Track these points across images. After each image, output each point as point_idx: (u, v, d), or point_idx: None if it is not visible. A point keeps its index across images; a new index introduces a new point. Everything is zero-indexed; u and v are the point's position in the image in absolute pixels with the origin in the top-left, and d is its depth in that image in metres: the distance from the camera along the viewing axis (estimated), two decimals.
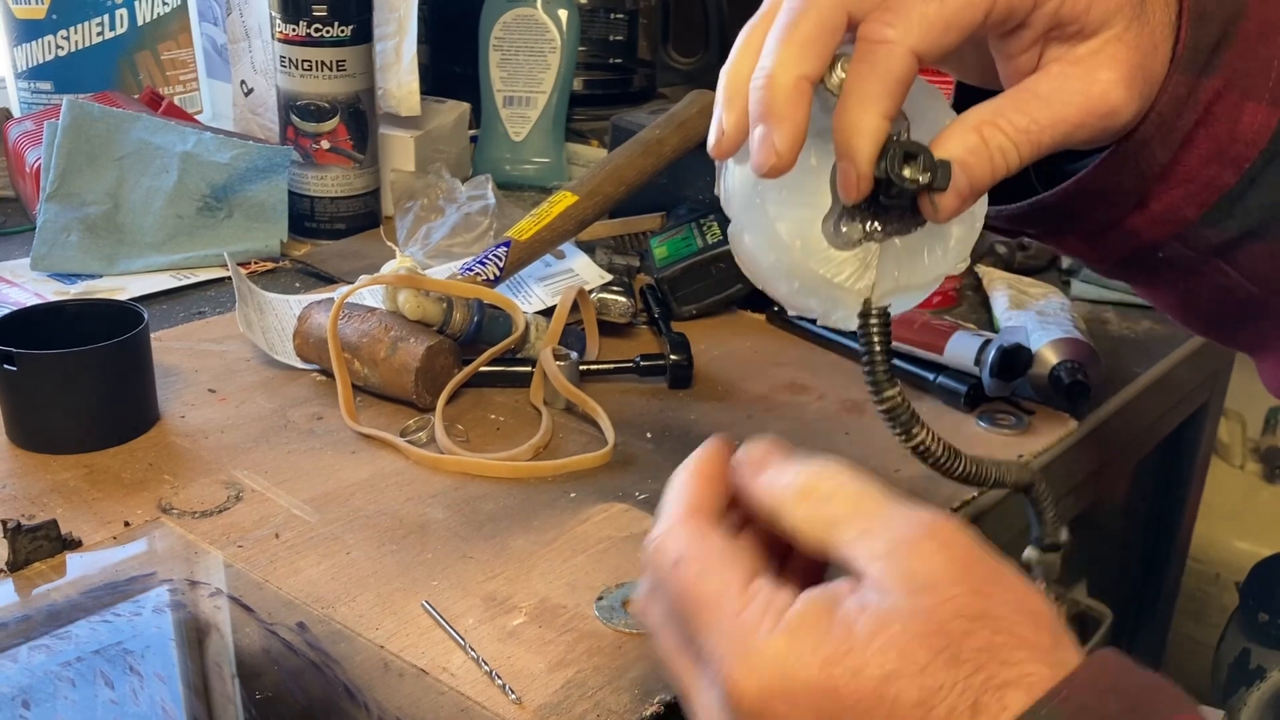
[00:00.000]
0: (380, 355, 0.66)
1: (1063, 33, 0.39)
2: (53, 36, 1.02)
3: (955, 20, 0.37)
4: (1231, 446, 1.56)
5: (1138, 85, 0.40)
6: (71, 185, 0.87)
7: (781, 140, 0.37)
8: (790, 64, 0.37)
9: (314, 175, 0.92)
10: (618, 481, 0.61)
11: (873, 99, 0.37)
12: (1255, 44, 0.41)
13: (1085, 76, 0.39)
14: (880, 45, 0.37)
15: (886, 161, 0.37)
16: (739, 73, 0.39)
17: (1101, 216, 0.45)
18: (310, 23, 0.87)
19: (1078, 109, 0.39)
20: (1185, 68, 0.40)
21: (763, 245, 0.41)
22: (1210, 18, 0.40)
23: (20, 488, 0.58)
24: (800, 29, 0.37)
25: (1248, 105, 0.41)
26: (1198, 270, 0.46)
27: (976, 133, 0.39)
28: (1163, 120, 0.41)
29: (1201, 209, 0.43)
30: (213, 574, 0.52)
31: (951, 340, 0.70)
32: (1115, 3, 0.39)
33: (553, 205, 0.79)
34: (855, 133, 0.37)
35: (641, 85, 1.20)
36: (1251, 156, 0.42)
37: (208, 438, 0.64)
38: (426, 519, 0.57)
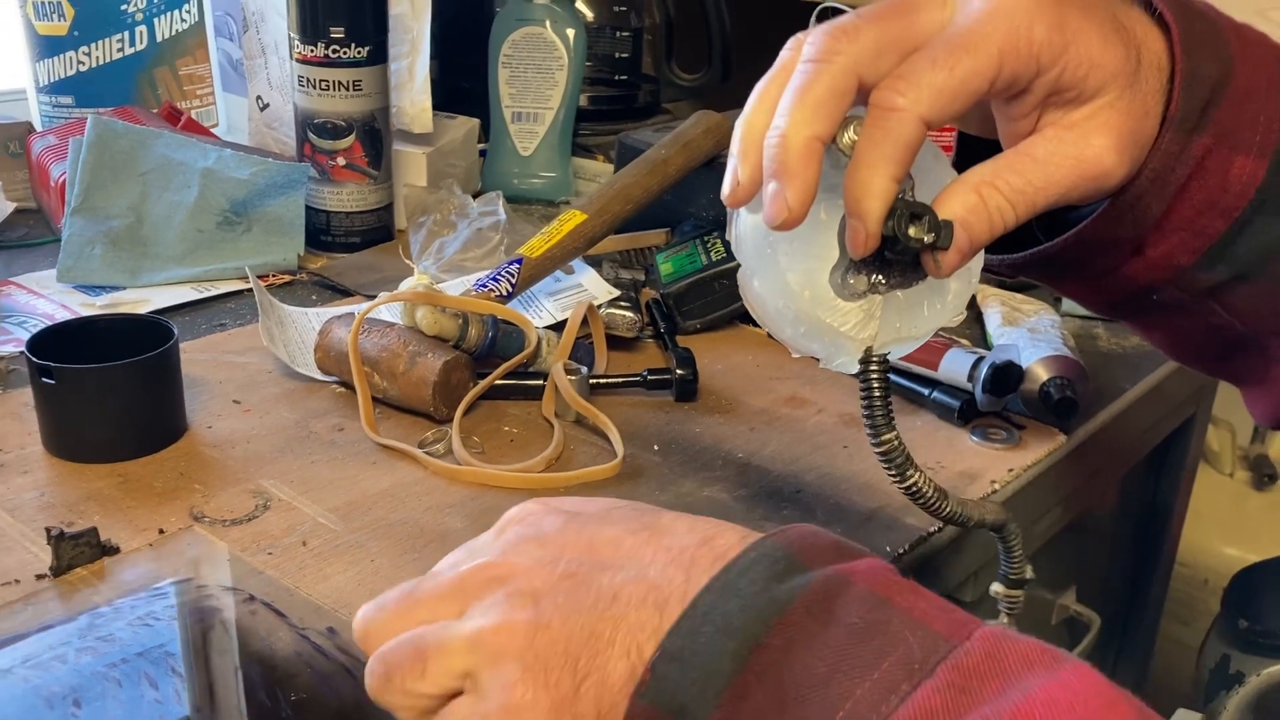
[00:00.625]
0: (399, 369, 0.69)
1: (1060, 98, 0.42)
2: (74, 52, 1.05)
3: (963, 89, 0.40)
4: (1221, 455, 1.60)
5: (1129, 150, 0.43)
6: (96, 200, 0.89)
7: (794, 197, 0.40)
8: (803, 125, 0.40)
9: (330, 190, 0.95)
10: (627, 493, 0.64)
11: (883, 163, 0.40)
12: (1242, 103, 0.44)
13: (1079, 141, 0.42)
14: (892, 112, 0.40)
15: (894, 221, 0.40)
16: (753, 126, 0.42)
17: (1100, 264, 0.48)
18: (328, 44, 0.90)
19: (1071, 172, 0.42)
20: (1177, 128, 0.43)
21: (771, 291, 0.44)
22: (1200, 82, 0.43)
23: (58, 495, 0.61)
24: (813, 91, 0.40)
25: (1236, 158, 0.44)
26: (1190, 310, 0.49)
27: (976, 193, 0.42)
28: (1157, 175, 0.44)
29: (1195, 255, 0.46)
30: (245, 580, 0.55)
31: (946, 357, 0.73)
32: (1111, 72, 0.42)
33: (563, 223, 0.82)
34: (866, 194, 0.40)
35: (646, 101, 1.23)
36: (1241, 205, 0.45)
37: (234, 448, 0.67)
38: (446, 528, 0.60)
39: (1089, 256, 0.48)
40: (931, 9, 0.42)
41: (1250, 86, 0.44)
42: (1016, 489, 0.68)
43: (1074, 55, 0.41)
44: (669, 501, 0.63)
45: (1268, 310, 0.48)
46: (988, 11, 0.41)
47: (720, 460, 0.68)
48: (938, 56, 0.40)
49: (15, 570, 0.55)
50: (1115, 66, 0.42)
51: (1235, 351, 0.51)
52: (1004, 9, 0.41)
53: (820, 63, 0.40)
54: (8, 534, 0.58)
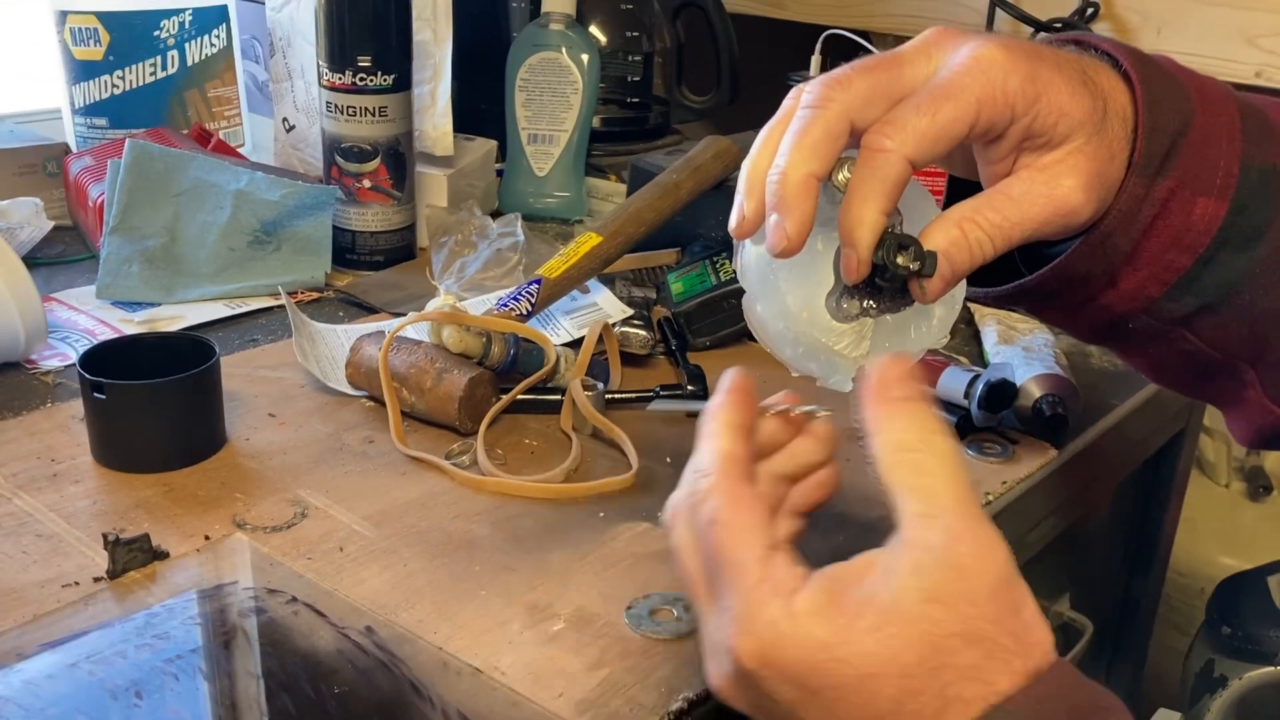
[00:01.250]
0: (426, 385, 0.73)
1: (1034, 143, 0.47)
2: (109, 76, 1.09)
3: (945, 133, 0.44)
4: (1216, 465, 1.63)
5: (1096, 189, 0.47)
6: (133, 220, 0.94)
7: (792, 227, 0.44)
8: (800, 163, 0.44)
9: (356, 211, 0.99)
10: (642, 503, 0.68)
11: (873, 198, 0.44)
12: (1201, 149, 0.48)
13: (1051, 181, 0.47)
14: (880, 153, 0.44)
15: (883, 250, 0.45)
16: (758, 166, 0.46)
17: (1077, 295, 0.52)
18: (355, 72, 0.94)
19: (1044, 209, 0.47)
20: (1141, 172, 0.48)
21: (773, 314, 0.48)
22: (1162, 130, 0.48)
23: (109, 504, 0.65)
24: (810, 134, 0.45)
25: (1199, 200, 0.48)
26: (1164, 337, 0.53)
27: (958, 227, 0.46)
28: (1123, 216, 0.48)
29: (1164, 287, 0.50)
30: (288, 583, 0.59)
31: (943, 375, 0.77)
32: (1078, 120, 0.46)
33: (579, 245, 0.86)
34: (858, 225, 0.45)
35: (657, 122, 1.27)
36: (1205, 242, 0.49)
37: (272, 459, 0.71)
38: (473, 535, 0.64)
39: (1066, 289, 0.52)
40: (918, 62, 0.47)
41: (1209, 135, 0.49)
42: (1010, 501, 0.72)
43: (1045, 104, 0.45)
44: None
45: (1235, 338, 0.52)
46: (967, 65, 0.45)
47: None
48: (922, 104, 0.44)
49: (74, 573, 0.59)
50: (1083, 115, 0.46)
51: (1211, 376, 0.55)
52: (982, 63, 0.45)
53: (816, 109, 0.45)
54: (65, 539, 0.62)
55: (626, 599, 0.59)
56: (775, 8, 1.36)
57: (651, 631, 0.56)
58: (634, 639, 0.56)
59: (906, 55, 0.47)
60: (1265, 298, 0.50)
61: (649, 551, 0.63)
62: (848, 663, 0.38)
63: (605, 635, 0.56)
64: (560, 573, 0.61)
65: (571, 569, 0.61)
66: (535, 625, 0.56)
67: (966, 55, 0.45)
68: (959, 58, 0.46)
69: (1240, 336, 0.52)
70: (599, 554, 0.63)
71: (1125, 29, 1.14)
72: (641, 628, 0.56)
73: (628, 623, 0.57)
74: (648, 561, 0.62)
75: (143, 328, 0.88)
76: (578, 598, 0.59)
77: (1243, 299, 0.50)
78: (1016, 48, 0.46)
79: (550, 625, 0.56)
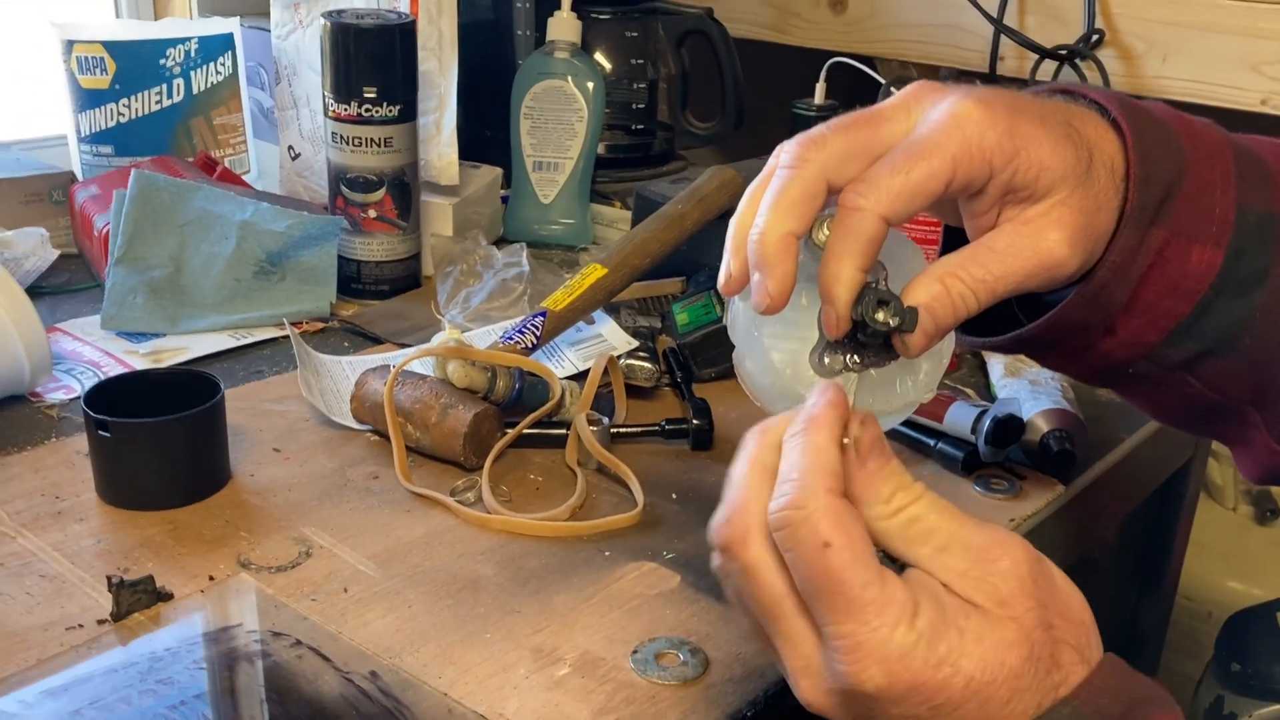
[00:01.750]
0: (431, 420, 0.73)
1: (1016, 196, 0.46)
2: (115, 104, 1.10)
3: (919, 190, 0.44)
4: (1224, 489, 1.62)
5: (1082, 242, 0.47)
6: (138, 250, 0.94)
7: (774, 286, 0.45)
8: (778, 224, 0.45)
9: (361, 241, 0.99)
10: (647, 541, 0.68)
11: (849, 255, 0.44)
12: (1195, 197, 0.48)
13: (1034, 235, 0.46)
14: (855, 212, 0.44)
15: (863, 306, 0.45)
16: (743, 224, 0.47)
17: (1075, 342, 0.52)
18: (361, 103, 0.94)
19: (1027, 262, 0.46)
20: (1133, 224, 0.48)
21: (760, 370, 0.49)
22: (1154, 181, 0.48)
23: (113, 543, 0.65)
24: (787, 195, 0.45)
25: (1194, 248, 0.48)
26: (1166, 382, 0.53)
27: (941, 282, 0.46)
28: (1117, 267, 0.48)
29: (1162, 334, 0.50)
30: (292, 626, 0.59)
31: (950, 410, 0.77)
32: (1060, 173, 0.46)
33: (584, 277, 0.86)
34: (835, 282, 0.45)
35: (662, 148, 1.27)
36: (1202, 290, 0.49)
37: (276, 495, 0.71)
38: (477, 575, 0.64)
39: (1064, 337, 0.52)
40: (897, 119, 0.47)
41: (1203, 182, 0.49)
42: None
43: (1025, 159, 0.45)
44: (686, 549, 0.67)
45: (1237, 382, 0.52)
46: (943, 122, 0.45)
47: None
48: (896, 162, 0.44)
49: (78, 615, 0.59)
50: (1065, 169, 0.46)
51: (1215, 418, 0.54)
52: (959, 119, 0.45)
53: (793, 169, 0.45)
54: (69, 580, 0.62)
55: (632, 642, 0.58)
56: (779, 33, 1.36)
57: (657, 677, 0.56)
58: (640, 684, 0.55)
59: (885, 112, 0.47)
60: (1266, 342, 0.50)
61: (655, 592, 0.63)
62: (969, 675, 0.40)
63: (611, 680, 0.56)
64: (565, 614, 0.60)
65: (577, 610, 0.61)
66: (541, 670, 0.56)
67: (944, 112, 0.45)
68: (936, 114, 0.46)
69: (1242, 380, 0.51)
70: (604, 594, 0.62)
71: (1130, 55, 1.14)
72: (647, 672, 0.56)
73: (633, 667, 0.56)
74: (654, 603, 0.62)
75: (148, 359, 0.88)
76: (583, 640, 0.58)
77: (1243, 343, 0.50)
78: (996, 102, 0.46)
79: (556, 670, 0.56)
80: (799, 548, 0.41)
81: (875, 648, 0.40)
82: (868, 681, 0.40)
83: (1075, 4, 1.14)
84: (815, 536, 0.41)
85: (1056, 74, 1.16)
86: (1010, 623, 0.40)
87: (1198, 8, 1.09)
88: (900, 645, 0.40)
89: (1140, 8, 1.12)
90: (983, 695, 0.40)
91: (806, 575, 0.41)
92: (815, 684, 0.42)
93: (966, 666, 0.40)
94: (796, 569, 0.41)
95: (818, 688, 0.42)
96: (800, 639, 0.43)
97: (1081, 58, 1.13)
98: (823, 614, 0.41)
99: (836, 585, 0.40)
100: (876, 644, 0.40)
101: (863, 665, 0.40)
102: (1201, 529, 1.29)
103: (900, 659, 0.40)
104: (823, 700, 0.43)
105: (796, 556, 0.41)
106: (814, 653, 0.42)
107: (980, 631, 0.40)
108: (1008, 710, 0.40)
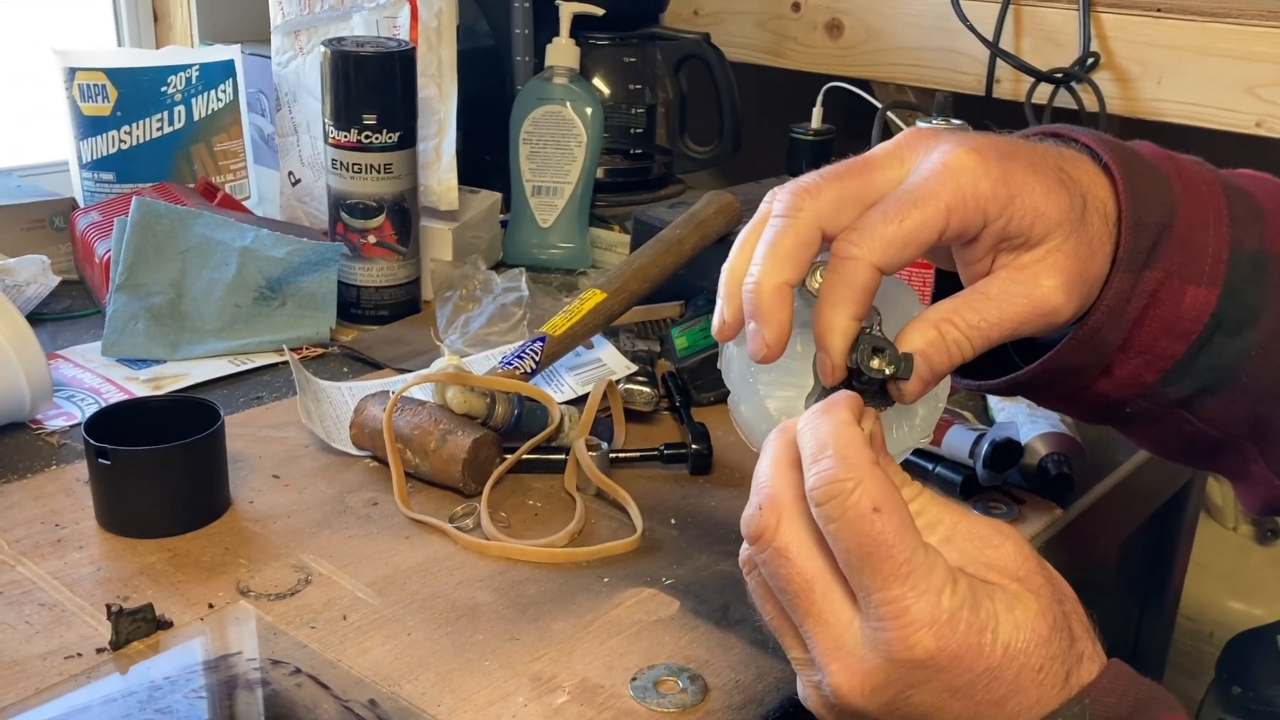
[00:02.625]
0: (430, 446, 0.74)
1: (1010, 244, 0.47)
2: (116, 131, 1.10)
3: (912, 239, 0.44)
4: (1224, 509, 1.62)
5: (1076, 288, 0.47)
6: (139, 277, 0.94)
7: (770, 335, 0.45)
8: (772, 273, 0.45)
9: (360, 267, 1.00)
10: (646, 567, 0.68)
11: (842, 304, 0.45)
12: (1188, 238, 0.48)
13: (1029, 281, 0.46)
14: (848, 260, 0.44)
15: (858, 354, 0.45)
16: (735, 270, 0.47)
17: (1071, 384, 0.52)
18: (361, 130, 0.95)
19: (1022, 309, 0.47)
20: (1126, 268, 0.48)
21: (755, 416, 0.49)
22: (1146, 224, 0.48)
23: (113, 570, 0.65)
24: (782, 244, 0.45)
25: (1188, 288, 0.48)
26: (1164, 419, 0.53)
27: (935, 328, 0.46)
28: (1111, 310, 0.48)
29: (1159, 374, 0.50)
30: (291, 653, 0.59)
31: (949, 434, 0.77)
32: (1055, 219, 0.46)
33: (583, 302, 0.86)
34: (829, 331, 0.45)
35: (660, 172, 1.28)
36: (1198, 329, 0.49)
37: (275, 522, 0.71)
38: (476, 602, 0.64)
39: (1060, 379, 0.52)
40: (890, 166, 0.47)
41: (1195, 223, 0.49)
42: None
43: (1019, 206, 0.45)
44: (686, 575, 0.67)
45: (1234, 418, 0.52)
46: (937, 170, 0.45)
47: (735, 534, 0.71)
48: (889, 211, 0.44)
49: (77, 644, 0.59)
50: (1059, 215, 0.46)
51: (1214, 453, 0.55)
52: (952, 168, 0.45)
53: (787, 218, 0.45)
54: (68, 608, 0.62)
55: (631, 669, 0.58)
56: (776, 58, 1.37)
57: (656, 704, 0.55)
58: (639, 711, 0.55)
59: (878, 159, 0.47)
60: (1263, 378, 0.50)
61: (654, 619, 0.63)
62: (1006, 642, 0.40)
63: (610, 708, 0.56)
64: (564, 641, 0.60)
65: (576, 637, 0.61)
66: (539, 698, 0.56)
67: (937, 160, 0.45)
68: (930, 163, 0.46)
69: (1240, 416, 0.51)
70: (603, 621, 0.62)
71: (1125, 79, 1.15)
72: (646, 700, 0.56)
73: (632, 695, 0.56)
74: (652, 629, 0.62)
75: (148, 385, 0.88)
76: (582, 668, 0.58)
77: (1240, 380, 0.50)
78: (989, 149, 0.46)
79: (554, 698, 0.56)
80: (846, 516, 0.40)
81: (924, 611, 0.40)
82: (916, 645, 0.40)
83: (1070, 27, 1.15)
84: (865, 503, 0.40)
85: (1052, 97, 1.16)
86: (1030, 595, 0.41)
87: (1193, 31, 1.10)
88: (948, 609, 0.40)
89: (1135, 31, 1.13)
90: (1019, 663, 0.40)
91: (853, 544, 0.40)
92: (848, 665, 0.41)
93: (1004, 633, 0.40)
94: (840, 539, 0.41)
95: (850, 669, 0.41)
96: (834, 617, 0.42)
97: (1077, 81, 1.14)
98: (869, 581, 0.40)
99: (886, 550, 0.40)
100: (926, 607, 0.40)
101: (912, 629, 0.40)
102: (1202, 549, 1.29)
103: (949, 622, 0.40)
104: (854, 683, 0.41)
105: (842, 526, 0.41)
106: (848, 630, 0.42)
107: (1008, 602, 0.41)
108: (1039, 679, 0.40)
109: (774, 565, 0.43)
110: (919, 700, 0.41)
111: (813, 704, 0.44)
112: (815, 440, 0.42)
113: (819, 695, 0.44)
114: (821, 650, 0.42)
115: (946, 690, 0.41)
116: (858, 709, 0.42)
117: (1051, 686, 0.41)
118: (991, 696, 0.41)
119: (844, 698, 0.42)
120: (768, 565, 0.44)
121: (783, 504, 0.43)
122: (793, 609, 0.43)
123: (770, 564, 0.43)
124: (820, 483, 0.41)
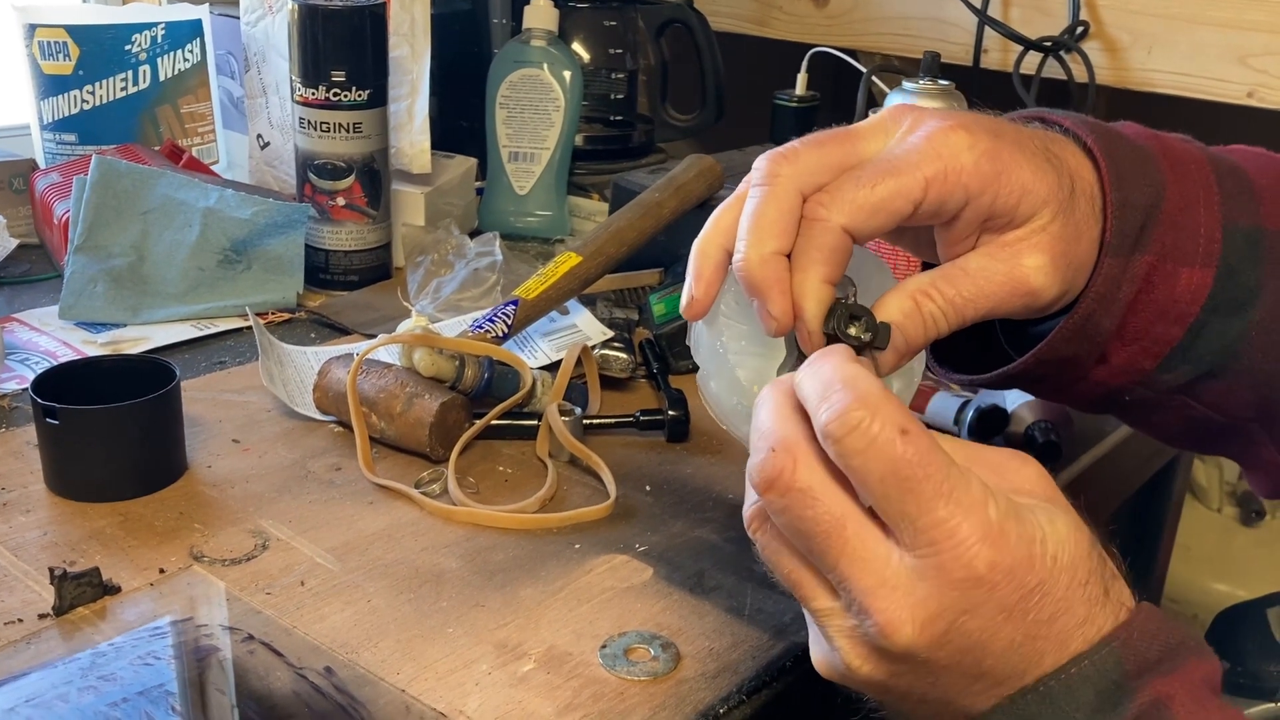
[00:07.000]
0: (396, 410, 0.71)
1: (995, 223, 0.45)
2: (78, 91, 1.07)
3: (883, 206, 0.42)
4: (1209, 490, 1.61)
5: (1060, 271, 0.45)
6: (98, 238, 0.91)
7: (776, 308, 0.43)
8: (760, 244, 0.43)
9: (329, 230, 0.97)
10: (619, 533, 0.65)
11: (812, 265, 0.43)
12: (1178, 219, 0.46)
13: (1010, 260, 0.45)
14: (816, 222, 0.43)
15: (835, 320, 0.43)
16: (708, 245, 0.45)
17: (1067, 374, 0.50)
18: (329, 87, 0.92)
19: (1001, 287, 0.45)
20: (1115, 252, 0.46)
21: (726, 389, 0.47)
22: (1133, 207, 0.46)
23: (60, 535, 0.62)
24: (765, 215, 0.43)
25: (1182, 271, 0.46)
26: (1166, 406, 0.51)
27: (912, 299, 0.44)
28: (1101, 296, 0.46)
29: (1156, 360, 0.48)
30: (244, 620, 0.56)
31: (933, 400, 0.75)
32: (1043, 197, 0.44)
33: (558, 265, 0.84)
34: (801, 295, 0.43)
35: (641, 141, 1.25)
36: (1194, 313, 0.47)
37: (234, 487, 0.68)
38: (441, 568, 0.61)
39: (1054, 370, 0.50)
40: (874, 138, 0.45)
41: (1185, 203, 0.47)
42: None
43: (1005, 183, 0.43)
44: (660, 542, 0.64)
45: (1239, 402, 0.50)
46: (919, 143, 0.43)
47: (711, 501, 0.69)
48: (863, 176, 0.43)
49: (18, 609, 0.56)
50: (1048, 193, 0.44)
51: (1220, 438, 0.53)
52: (936, 140, 0.43)
53: (765, 186, 0.44)
54: (11, 573, 0.59)
55: (601, 637, 0.56)
56: (761, 27, 1.34)
57: (626, 672, 0.53)
58: (608, 680, 0.53)
59: (863, 130, 0.45)
60: (1265, 359, 0.48)
61: (625, 586, 0.60)
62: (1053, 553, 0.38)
63: (578, 676, 0.53)
64: (531, 608, 0.58)
65: (543, 604, 0.58)
66: (504, 665, 0.53)
67: (922, 134, 0.44)
68: (915, 136, 0.44)
69: (1244, 400, 0.50)
70: (573, 588, 0.60)
71: (1115, 48, 1.13)
72: (616, 668, 0.53)
73: (601, 662, 0.54)
74: (624, 596, 0.59)
75: (106, 349, 0.85)
76: (549, 635, 0.56)
77: (1242, 362, 0.48)
78: (977, 126, 0.44)
79: (520, 665, 0.54)
80: (875, 444, 0.37)
81: (975, 526, 0.37)
82: (976, 559, 0.37)
83: None
84: (889, 428, 0.37)
85: (1041, 67, 1.14)
86: (1061, 511, 0.40)
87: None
88: (997, 521, 0.37)
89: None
90: (1068, 576, 0.38)
91: (886, 471, 0.37)
92: (896, 600, 0.38)
93: (1051, 545, 0.38)
94: (871, 470, 0.37)
95: (899, 603, 0.38)
96: (871, 554, 0.39)
97: (1066, 50, 1.12)
98: (910, 509, 0.37)
99: (924, 472, 0.37)
100: (976, 523, 0.37)
101: (967, 545, 0.37)
102: (1186, 531, 1.28)
103: (1001, 534, 0.37)
104: (904, 616, 0.38)
105: (868, 458, 0.37)
106: (888, 565, 0.38)
107: (1049, 513, 0.39)
108: (1086, 593, 0.39)
109: (798, 509, 0.39)
110: (972, 628, 0.38)
111: (843, 658, 0.41)
112: (819, 381, 0.39)
113: (855, 645, 0.40)
114: (862, 590, 0.39)
115: (1001, 611, 0.38)
116: (906, 648, 0.39)
117: (1096, 602, 0.39)
118: (1042, 615, 0.38)
119: (892, 636, 0.38)
120: (789, 511, 0.40)
121: (795, 445, 0.40)
122: (823, 553, 0.40)
123: (793, 509, 0.40)
124: (835, 416, 0.38)
